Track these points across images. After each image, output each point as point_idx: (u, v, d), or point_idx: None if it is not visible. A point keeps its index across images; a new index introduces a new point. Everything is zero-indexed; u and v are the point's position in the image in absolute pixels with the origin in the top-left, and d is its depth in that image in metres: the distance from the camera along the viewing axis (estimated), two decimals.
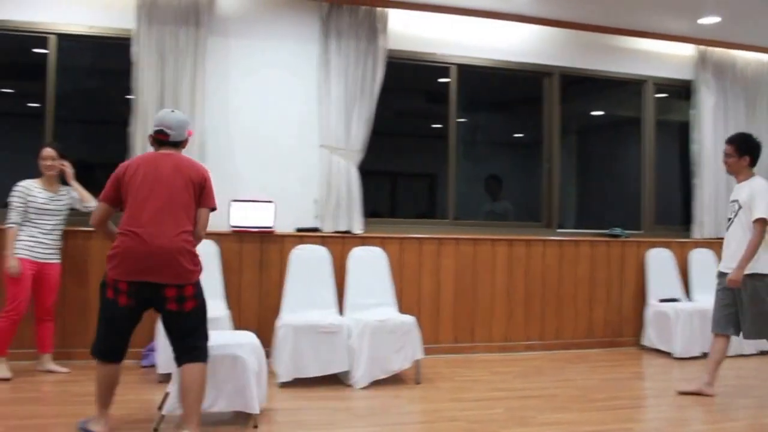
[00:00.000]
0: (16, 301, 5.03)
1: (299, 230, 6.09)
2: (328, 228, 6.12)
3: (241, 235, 5.95)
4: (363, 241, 6.12)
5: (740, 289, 4.94)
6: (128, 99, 5.89)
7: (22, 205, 5.15)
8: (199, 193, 3.81)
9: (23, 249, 5.12)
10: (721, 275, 5.11)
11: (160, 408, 4.11)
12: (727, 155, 5.19)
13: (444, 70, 6.77)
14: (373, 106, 6.23)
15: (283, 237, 6.00)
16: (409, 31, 6.50)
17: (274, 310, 5.71)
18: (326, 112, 6.15)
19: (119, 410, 4.18)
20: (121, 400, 4.16)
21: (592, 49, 7.11)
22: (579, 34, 7.00)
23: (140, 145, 5.78)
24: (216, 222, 5.79)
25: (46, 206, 5.23)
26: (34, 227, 5.19)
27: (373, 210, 6.65)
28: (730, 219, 5.16)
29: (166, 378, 5.02)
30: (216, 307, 5.37)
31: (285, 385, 5.08)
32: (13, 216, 5.12)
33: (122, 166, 3.85)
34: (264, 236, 5.93)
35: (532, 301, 6.68)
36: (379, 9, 6.24)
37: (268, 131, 6.15)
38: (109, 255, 3.66)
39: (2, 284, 5.12)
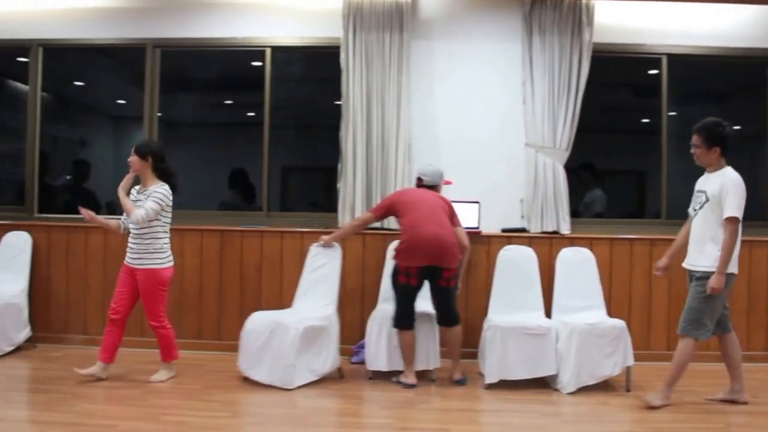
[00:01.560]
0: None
1: (505, 231, 6.04)
2: (534, 228, 6.02)
3: None
4: (571, 241, 5.94)
5: (691, 281, 4.69)
6: (337, 105, 6.15)
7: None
8: (450, 215, 5.25)
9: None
10: (690, 274, 4.76)
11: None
12: (694, 146, 4.69)
13: (654, 61, 6.41)
14: (578, 103, 6.04)
15: (489, 237, 5.98)
16: (616, 22, 6.21)
17: (481, 311, 5.71)
18: (531, 111, 6.05)
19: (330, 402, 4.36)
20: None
21: None
22: None
23: (350, 149, 6.02)
24: None
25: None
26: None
27: (575, 209, 6.44)
28: (695, 210, 4.74)
29: (376, 375, 5.20)
30: (421, 306, 5.45)
31: (491, 386, 5.07)
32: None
33: (396, 194, 5.43)
34: (470, 237, 5.93)
35: (756, 307, 6.13)
36: (584, 1, 6.03)
37: (473, 131, 6.16)
38: (399, 250, 5.11)
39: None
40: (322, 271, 5.62)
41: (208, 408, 4.53)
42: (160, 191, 4.99)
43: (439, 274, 5.09)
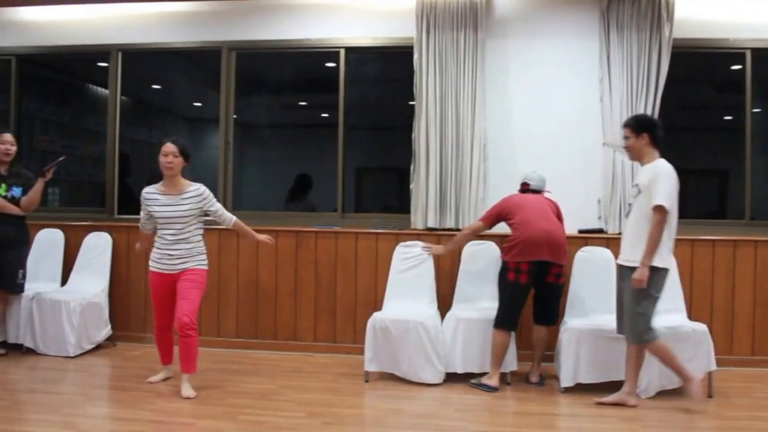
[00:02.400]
0: None
1: (582, 232, 5.92)
2: (612, 229, 5.88)
3: None
4: None
5: (622, 280, 4.62)
6: (411, 105, 6.13)
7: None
8: (557, 214, 5.35)
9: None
10: (619, 268, 4.72)
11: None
12: (625, 138, 4.73)
13: (737, 57, 6.18)
14: (657, 101, 5.86)
15: (566, 239, 5.85)
16: (697, 17, 6.01)
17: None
18: (608, 109, 5.90)
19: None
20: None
21: None
22: None
23: (423, 150, 6.00)
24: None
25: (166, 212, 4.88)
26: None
27: None
28: (630, 204, 4.68)
29: (449, 376, 5.17)
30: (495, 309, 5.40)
31: (567, 390, 4.98)
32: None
33: (503, 200, 5.38)
34: None
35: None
36: None
37: (549, 130, 6.06)
38: (508, 246, 5.14)
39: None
40: (414, 271, 5.74)
41: (284, 408, 4.57)
42: (209, 192, 4.93)
43: (548, 270, 5.10)
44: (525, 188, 5.47)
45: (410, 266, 5.83)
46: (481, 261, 5.79)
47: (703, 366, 4.91)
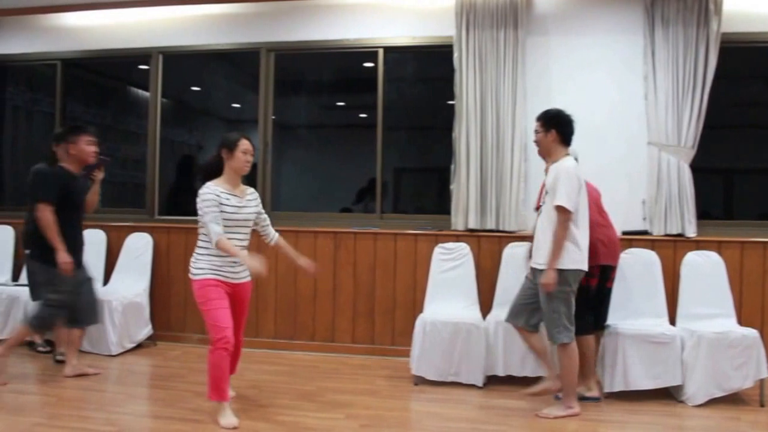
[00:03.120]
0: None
1: (626, 233, 5.75)
2: (657, 231, 5.71)
3: None
4: (697, 245, 5.60)
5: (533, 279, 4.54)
6: (450, 104, 6.06)
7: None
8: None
9: None
10: (532, 270, 4.57)
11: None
12: (535, 132, 4.61)
13: None
14: (705, 98, 5.69)
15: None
16: (748, 9, 5.81)
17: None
18: (653, 107, 5.75)
19: None
20: None
21: None
22: None
23: (464, 150, 5.92)
24: None
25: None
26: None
27: (702, 211, 6.08)
28: (539, 207, 4.59)
29: (490, 380, 5.07)
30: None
31: (612, 395, 4.87)
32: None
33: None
34: None
35: None
36: None
37: (592, 129, 5.88)
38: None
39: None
40: (456, 272, 5.71)
41: (322, 409, 4.55)
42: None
43: (609, 274, 4.94)
44: None
45: (451, 267, 5.78)
46: (522, 262, 5.67)
47: (754, 374, 4.73)
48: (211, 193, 4.16)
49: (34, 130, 7.69)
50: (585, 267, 4.43)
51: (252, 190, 4.46)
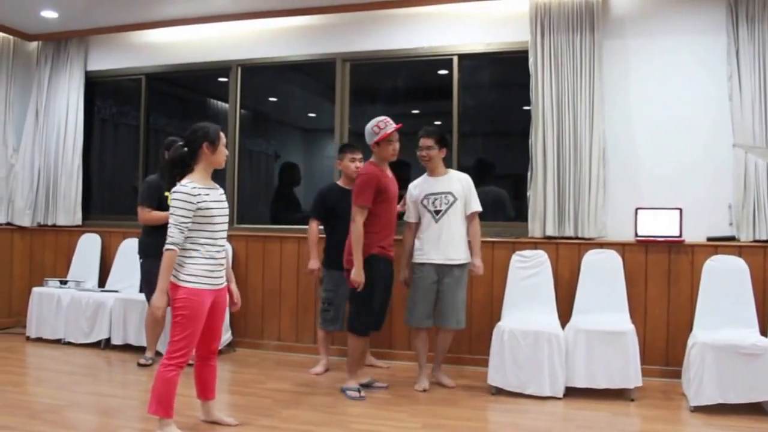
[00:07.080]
0: None
1: (711, 239, 5.56)
2: (745, 237, 5.48)
3: (646, 245, 5.65)
4: None
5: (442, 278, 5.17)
6: (526, 110, 5.99)
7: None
8: None
9: None
10: (439, 267, 5.17)
11: None
12: (427, 148, 5.22)
13: None
14: None
15: (693, 247, 5.55)
16: None
17: (685, 326, 5.34)
18: (738, 108, 5.53)
19: None
20: None
21: None
22: None
23: (540, 155, 5.85)
24: (620, 231, 5.60)
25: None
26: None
27: None
28: (438, 212, 5.16)
29: (569, 391, 4.97)
30: (620, 320, 5.18)
31: (697, 409, 4.67)
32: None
33: None
34: (672, 246, 5.55)
35: None
36: None
37: (673, 132, 5.74)
38: None
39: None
40: (534, 280, 5.67)
41: (397, 418, 4.53)
42: None
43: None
44: None
45: (529, 275, 5.70)
46: (603, 270, 5.58)
47: None
48: (197, 194, 3.91)
49: (120, 142, 7.98)
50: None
51: (218, 186, 4.16)
